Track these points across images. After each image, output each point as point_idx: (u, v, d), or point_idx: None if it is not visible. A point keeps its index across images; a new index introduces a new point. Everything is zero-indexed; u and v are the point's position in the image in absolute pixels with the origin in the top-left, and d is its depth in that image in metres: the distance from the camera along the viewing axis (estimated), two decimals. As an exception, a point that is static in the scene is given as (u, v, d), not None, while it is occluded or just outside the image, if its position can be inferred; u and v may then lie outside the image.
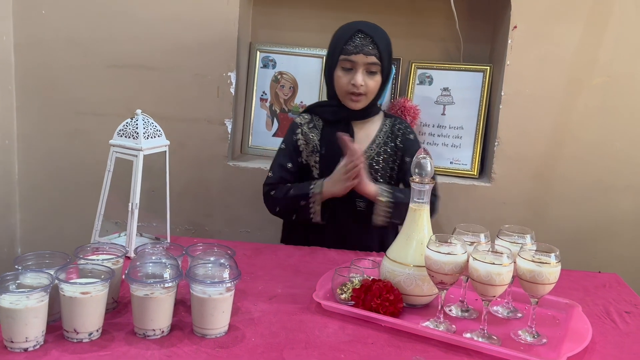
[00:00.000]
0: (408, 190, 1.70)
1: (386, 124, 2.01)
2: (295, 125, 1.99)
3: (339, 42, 1.87)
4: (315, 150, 1.95)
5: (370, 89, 1.88)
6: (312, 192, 1.86)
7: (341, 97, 1.92)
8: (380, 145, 1.96)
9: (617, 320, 1.47)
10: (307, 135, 1.96)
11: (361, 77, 1.85)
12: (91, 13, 2.34)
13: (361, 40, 1.84)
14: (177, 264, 1.30)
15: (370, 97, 1.91)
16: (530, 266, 1.27)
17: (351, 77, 1.86)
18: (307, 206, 1.87)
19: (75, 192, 2.45)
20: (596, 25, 2.23)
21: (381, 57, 1.85)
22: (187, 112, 2.38)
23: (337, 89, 1.91)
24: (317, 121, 1.99)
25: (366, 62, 1.85)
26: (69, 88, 2.40)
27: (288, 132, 2.01)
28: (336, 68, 1.89)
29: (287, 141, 1.99)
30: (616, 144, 2.29)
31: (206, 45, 2.32)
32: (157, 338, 1.22)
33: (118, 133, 1.65)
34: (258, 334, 1.27)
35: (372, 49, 1.84)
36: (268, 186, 1.95)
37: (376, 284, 1.39)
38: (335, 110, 1.95)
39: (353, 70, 1.86)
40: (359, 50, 1.84)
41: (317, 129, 1.97)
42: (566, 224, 2.34)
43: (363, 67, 1.86)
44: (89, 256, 1.35)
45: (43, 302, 1.16)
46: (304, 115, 2.02)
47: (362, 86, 1.86)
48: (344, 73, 1.88)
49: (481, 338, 1.29)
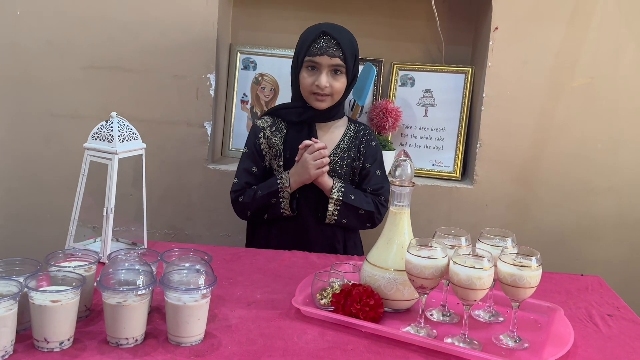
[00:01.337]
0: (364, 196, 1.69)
1: (350, 129, 2.02)
2: (257, 129, 1.99)
3: (304, 44, 1.89)
4: (278, 154, 1.96)
5: (336, 90, 1.90)
6: (281, 185, 1.88)
7: (306, 98, 1.93)
8: (344, 150, 1.97)
9: (599, 323, 1.46)
10: (269, 139, 1.96)
11: (325, 78, 1.87)
12: (67, 14, 2.29)
13: (325, 42, 1.86)
14: (151, 270, 1.27)
15: (336, 97, 1.92)
16: (511, 270, 1.26)
17: (316, 77, 1.88)
18: (277, 202, 1.89)
19: (51, 196, 2.40)
20: (578, 26, 2.23)
21: (345, 58, 1.87)
22: (166, 114, 2.34)
23: (302, 89, 1.92)
24: (279, 124, 1.99)
25: (330, 64, 1.87)
26: (45, 90, 2.35)
27: (250, 136, 2.01)
28: (301, 69, 1.91)
29: (250, 145, 1.99)
30: (598, 145, 2.29)
31: (185, 47, 2.29)
32: (131, 347, 1.19)
33: (92, 136, 1.61)
34: (235, 342, 1.24)
35: (337, 50, 1.86)
36: (235, 193, 1.97)
37: (356, 289, 1.37)
38: (300, 112, 1.96)
39: (317, 71, 1.88)
40: (323, 52, 1.85)
41: (279, 132, 1.97)
42: (549, 225, 2.34)
43: (328, 69, 1.87)
44: (61, 263, 1.31)
45: (12, 310, 1.12)
46: (266, 118, 2.01)
47: (326, 87, 1.87)
48: (308, 74, 1.90)
49: (462, 343, 1.27)
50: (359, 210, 1.90)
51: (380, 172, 2.00)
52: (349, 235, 1.99)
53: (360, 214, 1.91)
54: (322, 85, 1.86)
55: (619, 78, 2.25)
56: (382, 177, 2.00)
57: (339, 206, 1.89)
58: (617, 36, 2.23)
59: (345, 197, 1.89)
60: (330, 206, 1.89)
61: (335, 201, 1.88)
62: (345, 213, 1.90)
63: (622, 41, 2.23)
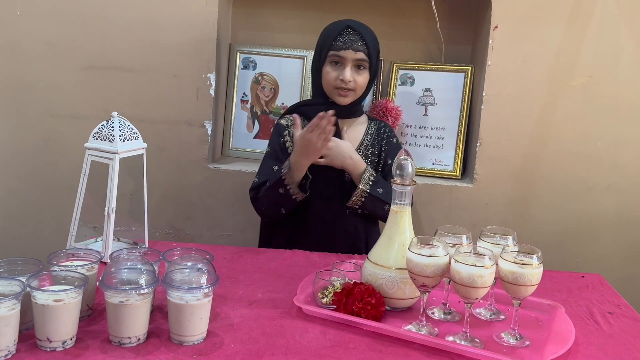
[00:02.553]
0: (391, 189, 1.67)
1: (371, 126, 2.01)
2: (281, 127, 1.97)
3: (328, 38, 1.87)
4: None
5: (359, 85, 1.89)
6: (283, 172, 1.81)
7: (329, 93, 1.91)
8: (367, 147, 1.97)
9: (600, 321, 1.47)
10: (294, 137, 1.92)
11: (350, 72, 1.86)
12: (67, 14, 2.30)
13: (350, 36, 1.85)
14: (154, 269, 1.27)
15: (359, 92, 1.91)
16: (512, 268, 1.26)
17: (340, 72, 1.86)
18: (286, 191, 1.82)
19: (51, 196, 2.40)
20: (577, 25, 2.23)
21: (370, 53, 1.86)
22: (166, 114, 2.34)
23: (325, 85, 1.90)
24: (302, 121, 1.95)
25: (355, 58, 1.85)
26: (44, 90, 2.35)
27: (274, 135, 1.98)
28: (324, 64, 1.89)
29: (274, 144, 1.96)
30: (598, 143, 2.29)
31: (185, 47, 2.29)
32: (133, 346, 1.19)
33: (93, 136, 1.62)
34: (237, 340, 1.25)
35: (361, 45, 1.85)
36: (253, 191, 1.91)
37: (358, 288, 1.37)
38: (323, 109, 1.90)
39: (341, 65, 1.87)
40: (348, 46, 1.84)
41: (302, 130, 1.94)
42: (549, 224, 2.34)
43: (352, 63, 1.86)
44: (62, 262, 1.31)
45: (14, 310, 1.12)
46: (289, 116, 1.99)
47: (350, 82, 1.86)
48: (332, 68, 1.88)
49: (464, 341, 1.27)
50: (385, 205, 1.83)
51: None
52: (369, 233, 1.96)
53: (386, 210, 1.81)
54: (346, 79, 1.85)
55: (619, 77, 2.26)
56: None
57: (364, 197, 1.85)
58: (617, 35, 2.23)
59: (372, 190, 1.84)
60: (356, 196, 1.85)
61: (362, 192, 1.84)
62: (369, 205, 1.86)
63: (621, 40, 2.23)
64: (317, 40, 1.94)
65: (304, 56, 2.45)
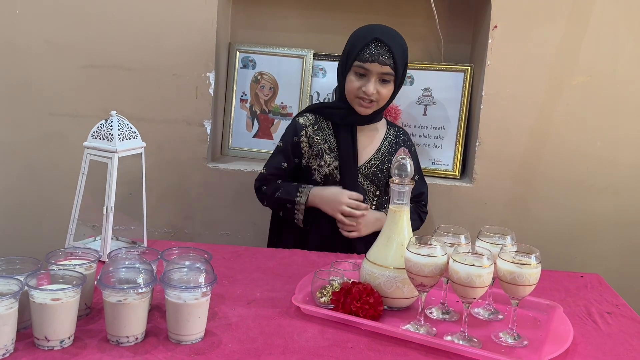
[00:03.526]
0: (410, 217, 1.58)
1: (390, 133, 2.01)
2: (299, 126, 1.96)
3: (355, 48, 1.84)
4: (319, 154, 1.93)
5: (382, 97, 1.87)
6: (298, 201, 1.87)
7: (350, 101, 1.90)
8: (384, 154, 1.97)
9: (598, 321, 1.47)
10: (311, 138, 1.94)
11: (373, 85, 1.83)
12: (66, 12, 2.29)
13: (378, 48, 1.81)
14: (152, 268, 1.27)
15: (381, 104, 1.90)
16: (510, 267, 1.26)
17: (363, 83, 1.84)
18: (292, 210, 1.89)
19: (50, 195, 2.40)
20: (577, 24, 2.23)
21: (396, 67, 1.83)
22: (165, 113, 2.34)
23: (347, 93, 1.89)
24: (321, 122, 1.96)
25: (380, 72, 1.82)
26: (44, 89, 2.35)
27: (289, 132, 1.98)
28: (349, 72, 1.86)
29: (287, 141, 1.97)
30: (597, 143, 2.29)
31: (184, 46, 2.29)
32: (131, 345, 1.19)
33: (92, 135, 1.62)
34: (235, 340, 1.25)
35: (388, 58, 1.81)
36: (259, 181, 1.98)
37: (356, 287, 1.37)
38: (343, 114, 1.93)
39: (366, 77, 1.84)
40: (374, 59, 1.80)
41: (321, 132, 1.95)
42: (547, 223, 2.34)
43: (376, 76, 1.83)
44: (61, 261, 1.31)
45: (12, 309, 1.13)
46: (308, 116, 1.98)
47: (373, 94, 1.84)
48: (356, 78, 1.85)
49: (462, 341, 1.27)
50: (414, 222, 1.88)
51: (419, 177, 2.03)
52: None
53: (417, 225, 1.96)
54: (369, 92, 1.82)
55: (618, 76, 2.25)
56: (421, 182, 2.04)
57: None
58: (616, 34, 2.23)
59: None
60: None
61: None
62: None
63: (620, 39, 2.23)
64: (345, 45, 1.91)
65: (304, 55, 2.45)
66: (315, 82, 2.47)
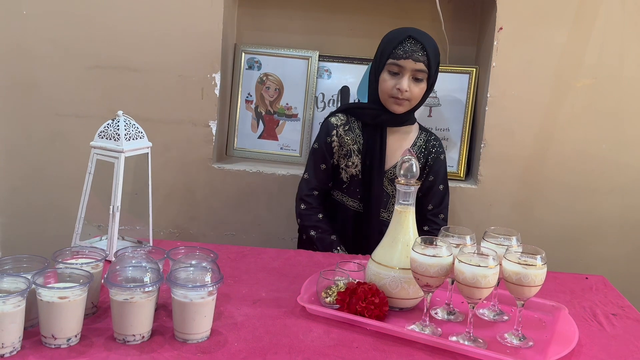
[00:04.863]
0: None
1: (421, 137, 2.01)
2: (330, 126, 1.98)
3: (389, 46, 1.85)
4: (348, 154, 1.95)
5: (415, 95, 1.87)
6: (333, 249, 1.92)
7: (384, 101, 1.90)
8: None
9: (603, 322, 1.47)
10: (342, 137, 1.96)
11: (407, 82, 1.84)
12: (73, 14, 2.31)
13: (412, 45, 1.82)
14: (158, 267, 1.27)
15: (414, 103, 1.90)
16: (516, 268, 1.26)
17: (397, 81, 1.85)
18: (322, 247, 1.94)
19: (56, 195, 2.41)
20: (582, 27, 2.23)
21: (429, 64, 1.84)
22: (171, 114, 2.35)
23: (381, 92, 1.90)
24: (352, 123, 1.97)
25: (414, 68, 1.83)
26: (50, 89, 2.36)
27: (322, 133, 2.00)
28: (383, 71, 1.87)
29: (321, 142, 1.98)
30: (602, 145, 2.29)
31: (190, 47, 2.30)
32: (137, 344, 1.20)
33: (99, 135, 1.62)
34: (241, 339, 1.25)
35: (422, 55, 1.82)
36: (301, 200, 1.99)
37: (361, 287, 1.37)
38: (375, 114, 1.94)
39: (400, 74, 1.85)
40: (409, 55, 1.82)
41: (352, 132, 1.96)
42: (552, 225, 2.34)
43: (410, 73, 1.84)
44: (67, 260, 1.32)
45: (20, 307, 1.13)
46: (340, 115, 2.00)
47: (406, 92, 1.84)
48: (390, 77, 1.86)
49: (467, 341, 1.27)
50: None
51: (444, 187, 2.01)
52: None
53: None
54: (403, 88, 1.83)
55: (623, 78, 2.26)
56: (445, 192, 2.02)
57: None
58: (621, 36, 2.23)
59: None
60: None
61: None
62: None
63: (626, 42, 2.23)
64: (377, 47, 1.92)
65: (309, 57, 2.45)
66: (320, 83, 2.48)
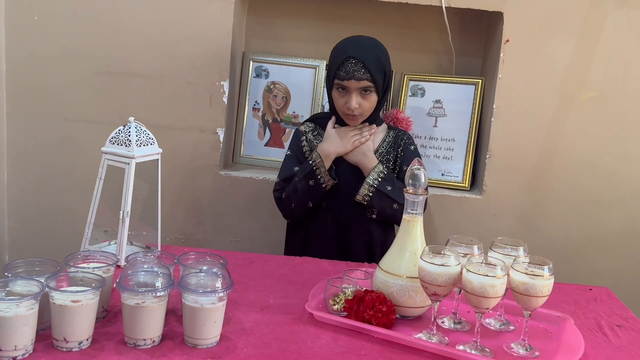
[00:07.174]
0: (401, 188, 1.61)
1: (390, 134, 2.04)
2: (300, 133, 2.06)
3: (332, 67, 1.90)
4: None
5: (366, 109, 1.91)
6: (315, 162, 1.92)
7: (340, 115, 1.96)
8: (382, 154, 2.00)
9: (608, 333, 1.48)
10: (311, 142, 2.02)
11: (355, 100, 1.88)
12: (84, 20, 2.33)
13: (352, 66, 1.85)
14: (169, 272, 1.29)
15: (367, 114, 1.94)
16: (523, 278, 1.27)
17: (346, 99, 1.89)
18: (317, 181, 1.92)
19: (64, 200, 2.43)
20: (588, 40, 2.25)
21: (374, 79, 1.86)
22: (179, 120, 2.37)
23: (336, 108, 1.95)
24: (320, 130, 2.04)
25: (359, 87, 1.87)
26: (60, 94, 2.38)
27: (293, 139, 2.08)
28: (332, 89, 1.93)
29: (293, 147, 2.05)
30: (606, 158, 2.31)
31: (199, 54, 2.32)
32: (148, 348, 1.21)
33: (110, 140, 1.64)
34: (250, 345, 1.26)
35: (364, 73, 1.85)
36: (277, 192, 2.01)
37: (369, 295, 1.38)
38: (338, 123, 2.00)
39: (347, 92, 1.89)
40: (351, 76, 1.85)
41: (320, 137, 2.02)
42: (556, 236, 2.35)
43: (356, 91, 1.88)
44: (79, 264, 1.33)
45: (33, 310, 1.14)
46: (308, 123, 2.09)
47: (356, 108, 1.89)
48: (339, 94, 1.91)
49: (474, 350, 1.28)
50: (394, 204, 1.90)
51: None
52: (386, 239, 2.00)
53: (395, 209, 1.90)
54: (351, 107, 1.88)
55: (628, 91, 2.27)
56: None
57: (372, 192, 1.90)
58: (627, 50, 2.25)
59: (380, 185, 1.90)
60: (363, 188, 1.91)
61: (370, 186, 1.90)
62: (377, 201, 1.91)
63: (631, 55, 2.25)
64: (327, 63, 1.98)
65: (316, 66, 2.47)
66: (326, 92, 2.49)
